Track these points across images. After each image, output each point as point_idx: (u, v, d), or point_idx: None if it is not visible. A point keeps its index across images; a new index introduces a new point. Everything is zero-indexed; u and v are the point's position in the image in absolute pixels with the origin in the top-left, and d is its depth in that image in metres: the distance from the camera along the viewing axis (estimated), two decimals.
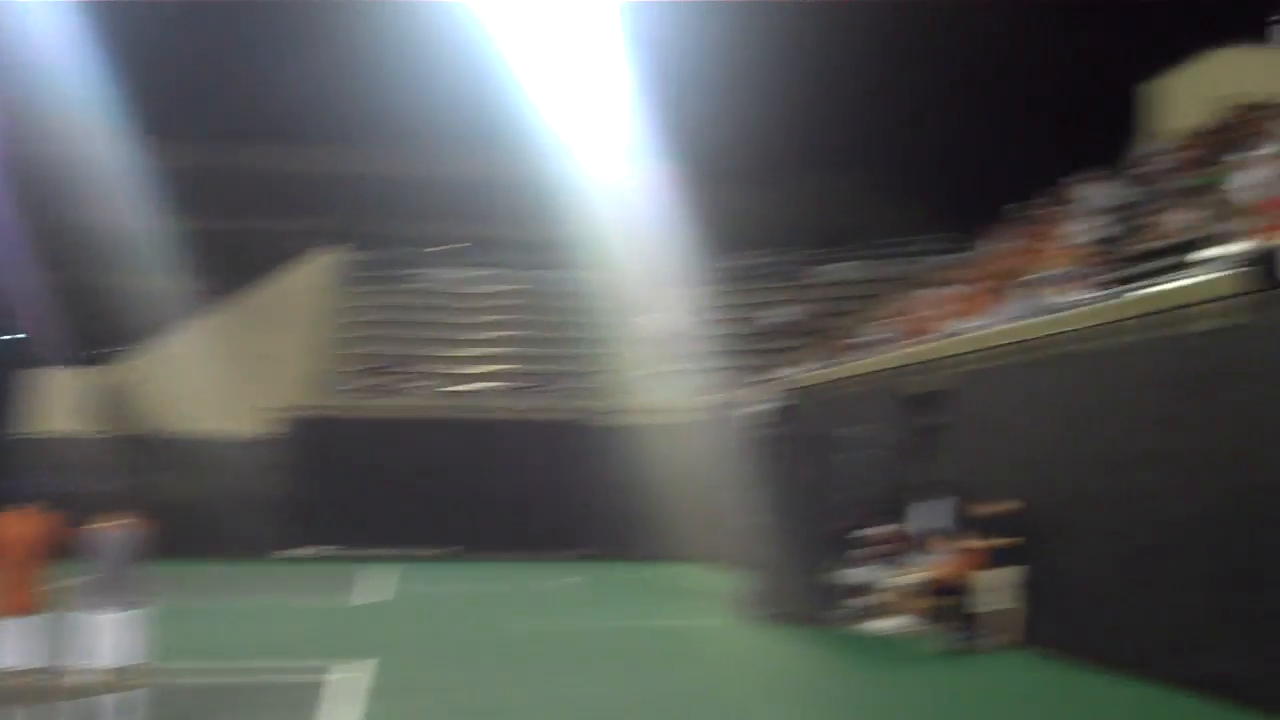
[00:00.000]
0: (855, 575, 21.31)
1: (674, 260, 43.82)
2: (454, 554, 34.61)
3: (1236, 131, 26.33)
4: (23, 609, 11.20)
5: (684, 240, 44.81)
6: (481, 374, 42.17)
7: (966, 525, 19.30)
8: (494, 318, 45.84)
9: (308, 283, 44.80)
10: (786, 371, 33.92)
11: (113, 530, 11.55)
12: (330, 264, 46.06)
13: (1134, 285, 19.21)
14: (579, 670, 16.73)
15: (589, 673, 16.57)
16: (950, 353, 22.78)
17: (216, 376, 40.55)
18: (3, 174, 49.04)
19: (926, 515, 22.35)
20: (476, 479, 34.37)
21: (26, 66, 48.32)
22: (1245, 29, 32.38)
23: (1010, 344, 20.41)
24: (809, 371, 31.78)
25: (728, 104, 53.33)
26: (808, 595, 20.92)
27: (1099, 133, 34.34)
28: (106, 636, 11.44)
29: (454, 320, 45.44)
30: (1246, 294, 14.38)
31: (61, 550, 11.32)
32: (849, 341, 32.78)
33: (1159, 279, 18.48)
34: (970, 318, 25.02)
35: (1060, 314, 20.10)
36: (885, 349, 27.96)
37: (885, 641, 19.45)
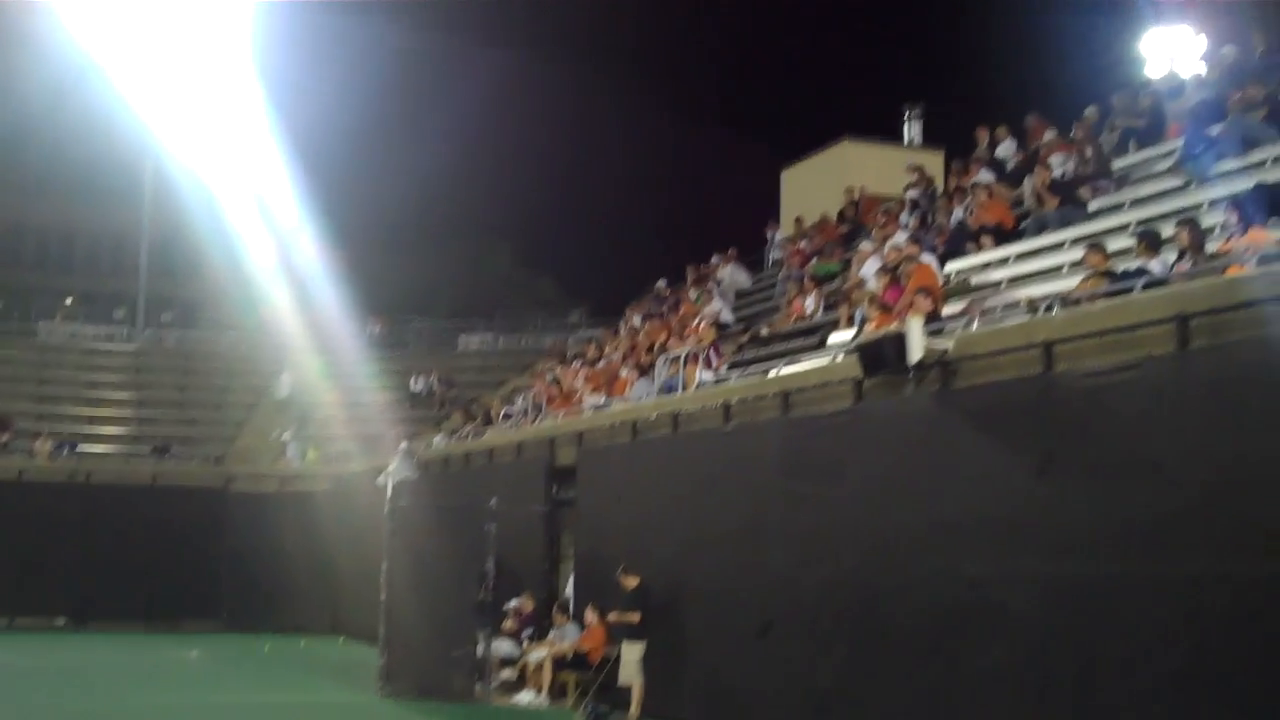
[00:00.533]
0: (497, 648, 21.21)
1: (315, 324, 43.05)
2: (64, 624, 32.70)
3: (858, 222, 27.83)
4: None
5: (327, 304, 44.09)
6: (103, 435, 40.19)
7: (597, 599, 19.47)
8: (118, 376, 43.82)
9: None
10: (430, 439, 33.67)
11: None
12: None
13: (761, 365, 19.90)
14: None
15: None
16: (582, 427, 23.04)
17: None
18: None
19: (564, 588, 22.52)
20: (92, 544, 32.57)
21: None
22: (878, 124, 34.38)
23: (636, 420, 20.76)
24: (450, 440, 31.61)
25: (378, 170, 53.06)
26: (444, 669, 20.66)
27: (740, 215, 35.71)
28: None
29: (77, 377, 43.19)
30: (863, 378, 15.04)
31: None
32: (493, 411, 32.81)
33: (785, 360, 19.21)
34: (605, 393, 25.42)
35: (686, 393, 20.63)
36: (528, 421, 28.09)
37: (523, 715, 19.34)
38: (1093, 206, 19.29)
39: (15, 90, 52.15)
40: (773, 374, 18.24)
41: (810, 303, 23.54)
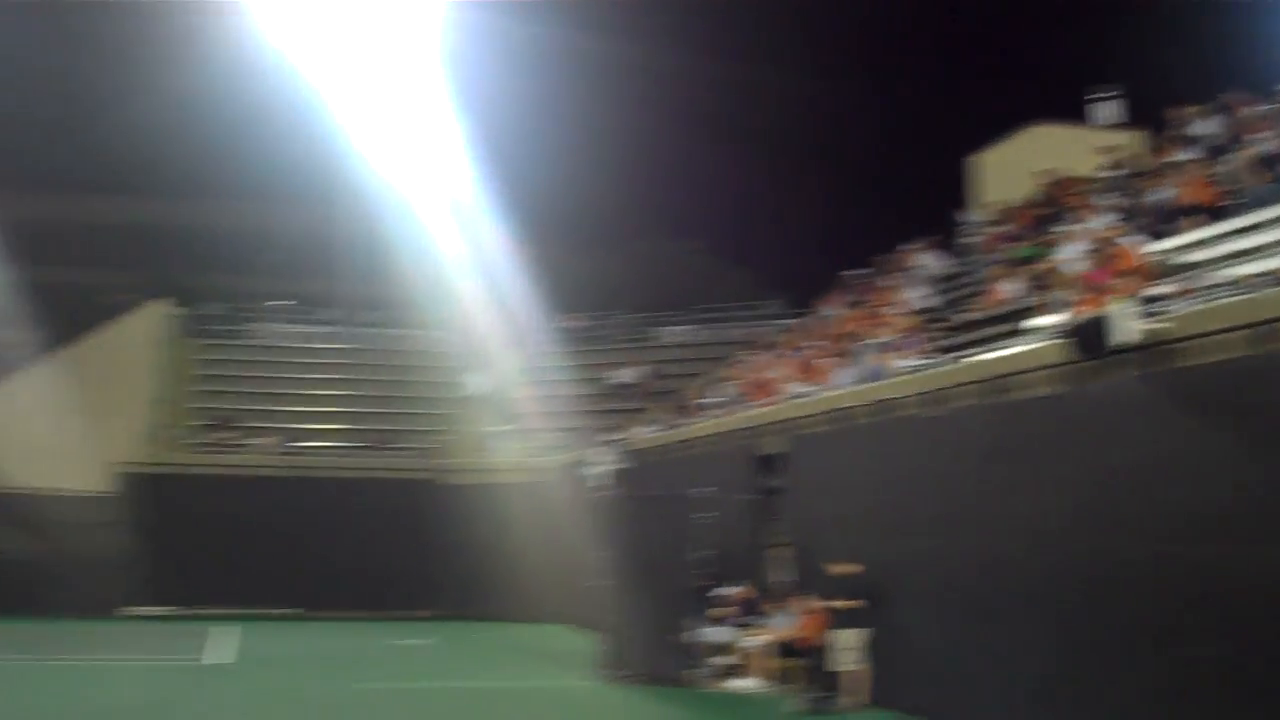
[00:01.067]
0: (710, 635, 21.62)
1: (515, 320, 44.16)
2: (298, 614, 34.26)
3: (1056, 205, 27.62)
4: None
5: (525, 301, 45.17)
6: (323, 431, 41.88)
7: (813, 586, 19.77)
8: (334, 375, 45.57)
9: (142, 336, 44.07)
10: (632, 431, 34.36)
11: None
12: (165, 317, 45.39)
13: (963, 352, 20.04)
14: None
15: None
16: (788, 416, 23.38)
17: (51, 431, 39.68)
18: None
19: (775, 576, 22.88)
20: (321, 537, 34.07)
21: None
22: (1064, 106, 33.96)
23: (843, 408, 21.06)
24: (654, 432, 32.22)
25: (567, 168, 53.91)
26: (662, 655, 21.16)
27: (930, 202, 35.60)
28: None
29: (293, 376, 45.05)
30: (1068, 363, 15.15)
31: None
32: (692, 403, 33.32)
33: (986, 347, 19.33)
34: (807, 382, 25.73)
35: (891, 380, 20.86)
36: (728, 411, 28.52)
37: (739, 701, 19.76)
38: None
39: (221, 98, 54.26)
40: (975, 359, 18.38)
41: (1009, 287, 23.54)
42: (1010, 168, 32.32)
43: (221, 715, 16.76)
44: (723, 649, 21.84)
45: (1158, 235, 20.30)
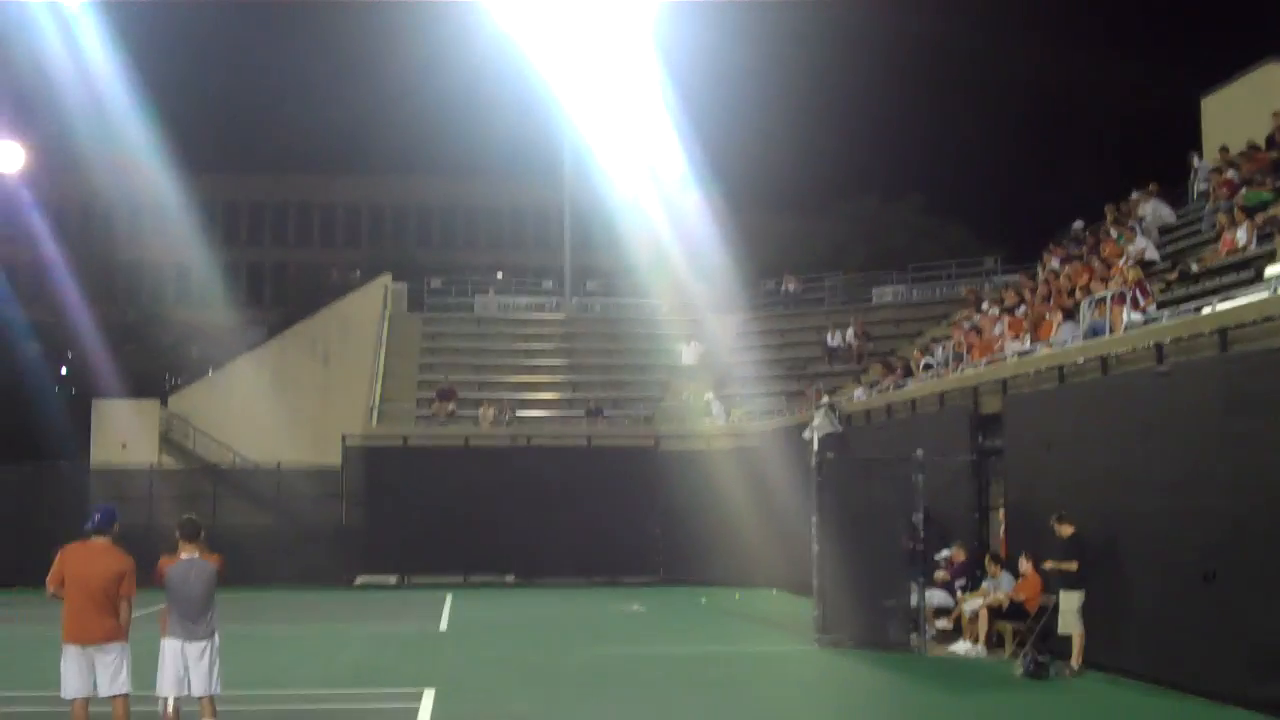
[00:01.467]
0: (931, 598, 21.19)
1: (728, 286, 44.01)
2: (515, 580, 34.74)
3: None
4: (99, 638, 11.35)
5: (739, 266, 44.95)
6: (543, 400, 42.39)
7: (1033, 548, 19.21)
8: (553, 345, 46.08)
9: (367, 312, 45.17)
10: (848, 394, 33.89)
11: (186, 560, 11.70)
12: (388, 293, 46.42)
13: (1194, 303, 19.12)
14: (648, 696, 16.69)
15: (659, 699, 16.51)
16: (1006, 374, 22.71)
17: (282, 406, 41.08)
18: (57, 214, 49.79)
19: (995, 537, 22.32)
20: (539, 505, 34.43)
21: (76, 108, 49.05)
22: None
23: (1066, 365, 20.33)
24: (871, 393, 31.72)
25: (782, 132, 53.40)
26: (877, 619, 20.82)
27: (1157, 148, 34.16)
28: (183, 666, 11.59)
29: (513, 347, 45.70)
30: None
31: (137, 581, 11.46)
32: (912, 362, 32.67)
33: (1220, 296, 18.40)
34: (1028, 339, 24.94)
35: (1117, 335, 20.03)
36: (949, 370, 27.88)
37: (956, 666, 19.31)
38: None
39: (441, 78, 55.18)
40: (1207, 311, 17.52)
41: (1242, 235, 22.39)
42: (1242, 109, 30.77)
43: (445, 678, 16.99)
44: (940, 613, 21.40)
45: None
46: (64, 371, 71.10)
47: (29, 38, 45.67)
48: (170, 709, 11.61)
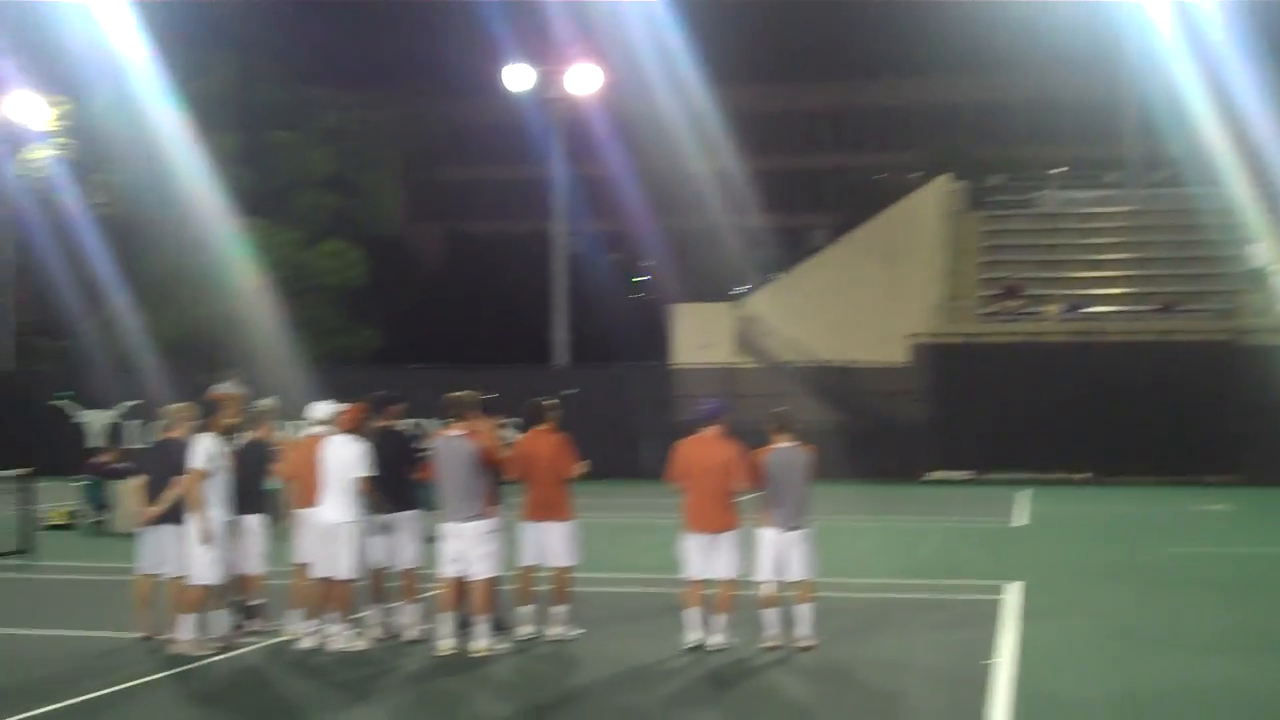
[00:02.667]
0: None
1: None
2: (1087, 479, 34.29)
3: None
4: (715, 528, 12.36)
5: None
6: (1110, 295, 41.33)
7: None
8: (1119, 239, 44.72)
9: (929, 211, 45.36)
10: None
11: (781, 452, 12.51)
12: (949, 192, 46.37)
13: None
14: (1236, 597, 16.30)
15: (1248, 600, 16.12)
16: None
17: (850, 307, 42.18)
18: (627, 130, 52.75)
19: None
20: (1110, 402, 33.73)
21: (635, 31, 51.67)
22: None
23: None
24: None
25: None
26: None
27: None
28: (780, 553, 12.46)
29: (1077, 242, 44.72)
30: None
31: (739, 472, 12.34)
32: None
33: None
34: None
35: None
36: None
37: None
38: None
39: None
40: None
41: None
42: None
43: (1027, 573, 17.25)
44: None
45: None
46: (639, 279, 75.70)
47: None
48: (769, 592, 12.54)
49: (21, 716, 9.91)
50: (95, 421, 37.74)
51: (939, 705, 10.48)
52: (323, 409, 12.78)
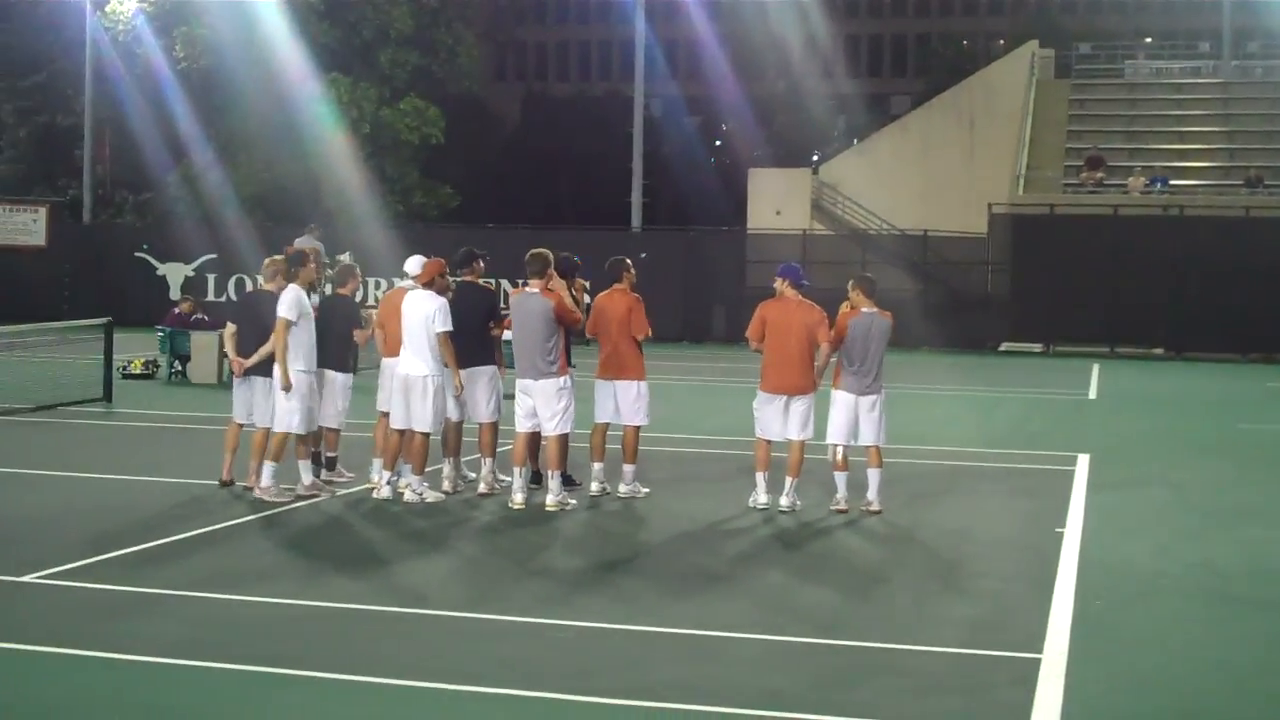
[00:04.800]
0: None
1: None
2: (1164, 353, 33.98)
3: None
4: (793, 389, 12.43)
5: None
6: (1193, 169, 40.58)
7: None
8: (1207, 111, 43.75)
9: (1013, 79, 44.55)
10: None
11: (862, 317, 12.49)
12: (1035, 59, 45.44)
13: None
14: None
15: None
16: None
17: (925, 175, 41.77)
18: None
19: None
20: (1190, 277, 33.31)
21: None
22: None
23: None
24: None
25: None
26: None
27: None
28: (854, 417, 12.52)
29: (1165, 114, 43.82)
30: None
31: (820, 335, 12.34)
32: None
33: None
34: None
35: None
36: None
37: None
38: None
39: None
40: None
41: None
42: None
43: (1097, 444, 17.25)
44: None
45: None
46: (719, 143, 75.15)
47: None
48: (840, 456, 12.62)
49: (107, 556, 10.24)
50: (175, 274, 38.27)
51: (1006, 571, 10.56)
52: (411, 263, 12.92)
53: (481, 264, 13.27)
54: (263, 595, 9.22)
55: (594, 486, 12.99)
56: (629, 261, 13.14)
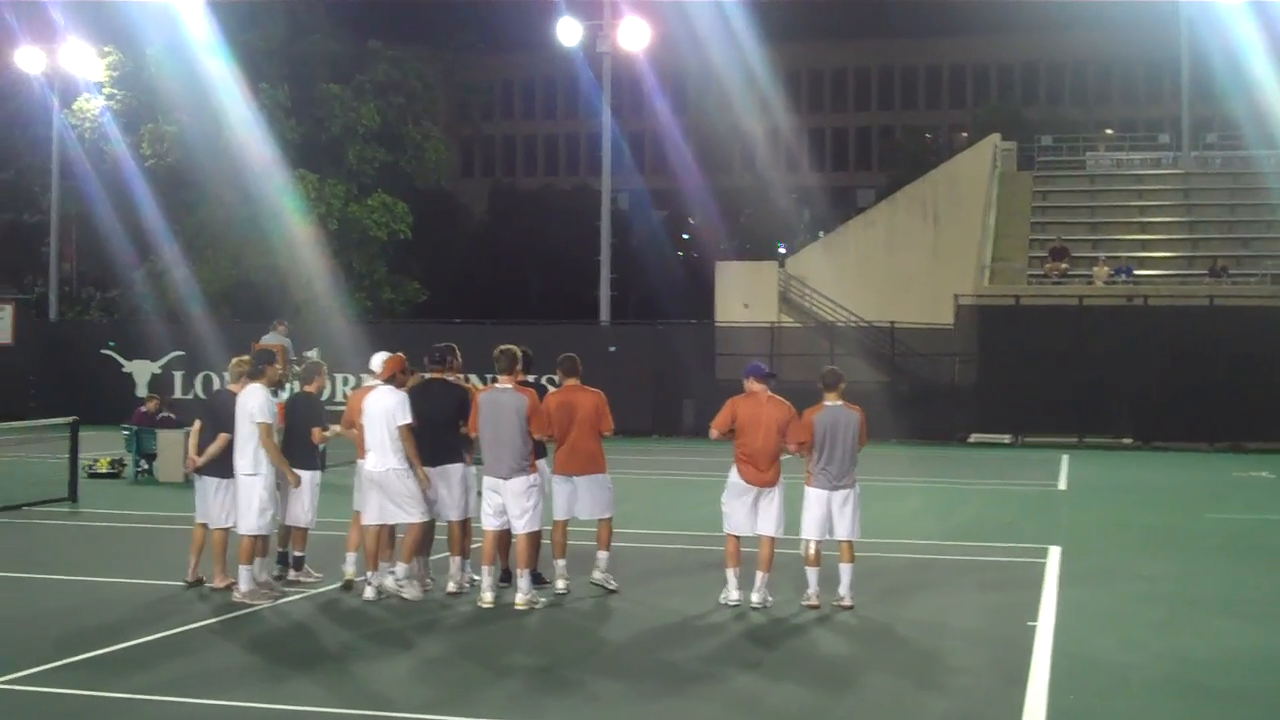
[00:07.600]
0: None
1: None
2: (1132, 443, 34.04)
3: None
4: (768, 481, 12.41)
5: None
6: (1158, 259, 40.99)
7: None
8: (1169, 201, 44.29)
9: (977, 172, 45.01)
10: None
11: (830, 411, 12.47)
12: (997, 151, 45.96)
13: None
14: (1272, 564, 16.25)
15: None
16: None
17: (890, 267, 42.07)
18: (674, 87, 52.49)
19: None
20: (1156, 366, 33.48)
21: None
22: None
23: None
24: None
25: None
26: None
27: None
28: (827, 512, 12.47)
29: (1127, 204, 44.33)
30: None
31: (790, 431, 12.34)
32: None
33: None
34: None
35: None
36: None
37: None
38: None
39: None
40: None
41: None
42: None
43: (1068, 537, 17.26)
44: None
45: None
46: (686, 236, 75.62)
47: None
48: (812, 551, 12.57)
49: (72, 659, 10.09)
50: (142, 371, 38.07)
51: (979, 665, 10.51)
52: (375, 360, 12.91)
53: (458, 361, 13.24)
54: (229, 699, 9.10)
55: (560, 584, 12.89)
56: (570, 357, 13.19)
